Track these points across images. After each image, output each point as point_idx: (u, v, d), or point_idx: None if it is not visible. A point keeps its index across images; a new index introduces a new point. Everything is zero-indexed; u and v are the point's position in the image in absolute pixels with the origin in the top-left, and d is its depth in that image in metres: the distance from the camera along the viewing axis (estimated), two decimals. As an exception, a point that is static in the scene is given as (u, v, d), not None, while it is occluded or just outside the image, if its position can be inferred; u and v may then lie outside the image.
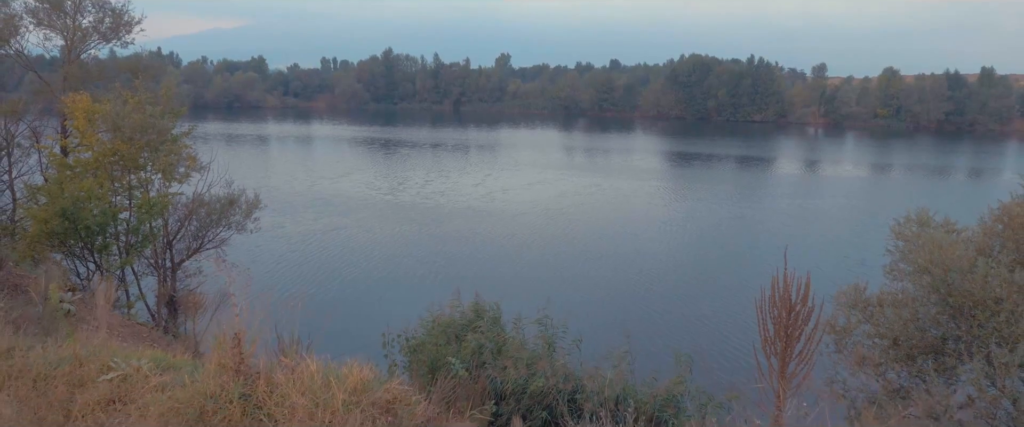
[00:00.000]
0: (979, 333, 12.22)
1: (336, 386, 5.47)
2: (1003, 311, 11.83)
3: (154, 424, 5.46)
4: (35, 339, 7.15)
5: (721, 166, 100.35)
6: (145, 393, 5.96)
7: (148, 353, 7.13)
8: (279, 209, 52.93)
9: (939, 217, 15.56)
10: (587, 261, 44.05)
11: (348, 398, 5.40)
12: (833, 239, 51.95)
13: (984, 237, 14.10)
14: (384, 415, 5.45)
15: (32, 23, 27.56)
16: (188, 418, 5.47)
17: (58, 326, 8.29)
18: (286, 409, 5.43)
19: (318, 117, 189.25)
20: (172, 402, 5.65)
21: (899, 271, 14.99)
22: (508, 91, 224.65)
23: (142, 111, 23.63)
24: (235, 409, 5.47)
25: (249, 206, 26.14)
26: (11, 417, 5.54)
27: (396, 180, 79.25)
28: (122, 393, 6.02)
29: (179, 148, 25.08)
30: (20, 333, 7.30)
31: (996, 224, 14.30)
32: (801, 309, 5.01)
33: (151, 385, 6.08)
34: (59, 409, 5.81)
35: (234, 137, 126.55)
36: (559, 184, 77.77)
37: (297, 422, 5.28)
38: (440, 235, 51.22)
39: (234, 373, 5.62)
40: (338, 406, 5.35)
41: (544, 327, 12.95)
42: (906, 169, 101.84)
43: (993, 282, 12.07)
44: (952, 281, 12.52)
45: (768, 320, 5.13)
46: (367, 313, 31.22)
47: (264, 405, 5.54)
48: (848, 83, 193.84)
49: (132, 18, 28.71)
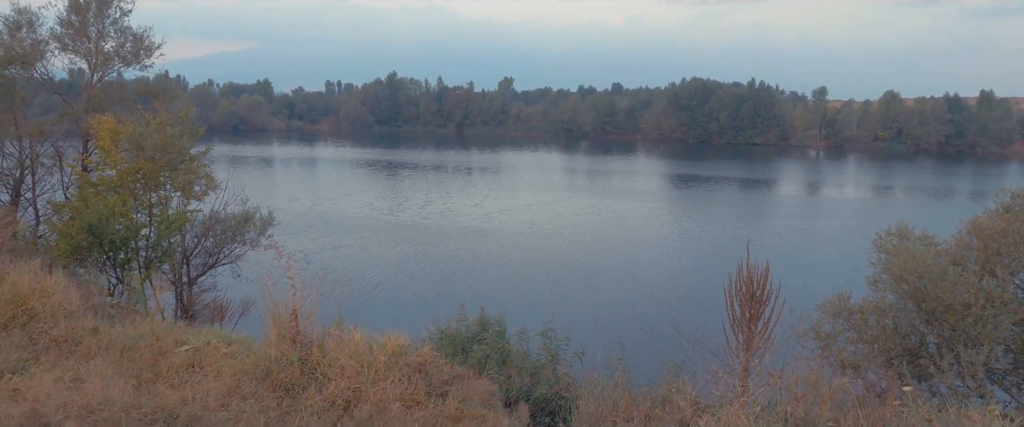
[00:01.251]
0: (950, 336, 13.19)
1: (377, 351, 6.54)
2: (971, 315, 12.80)
3: (229, 381, 6.50)
4: (112, 321, 8.18)
5: (722, 188, 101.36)
6: (218, 359, 7.00)
7: (211, 332, 8.17)
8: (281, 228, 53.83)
9: (918, 231, 16.55)
10: (581, 280, 44.94)
11: (388, 360, 6.46)
12: (829, 258, 52.81)
13: (958, 249, 15.08)
14: (417, 373, 6.52)
15: (57, 48, 28.82)
16: (256, 376, 6.52)
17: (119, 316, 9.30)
18: (337, 369, 6.47)
19: (322, 139, 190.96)
20: (242, 365, 6.71)
21: (881, 282, 15.94)
22: (511, 114, 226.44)
23: (163, 131, 24.69)
24: (295, 369, 6.53)
25: (263, 223, 27.15)
26: (111, 375, 6.56)
27: (397, 201, 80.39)
28: (198, 359, 7.05)
29: (197, 167, 26.11)
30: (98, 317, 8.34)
31: (970, 237, 15.30)
32: (761, 293, 5.99)
33: (221, 353, 7.12)
34: (148, 371, 6.83)
35: (239, 159, 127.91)
36: (557, 205, 78.77)
37: (346, 379, 6.32)
38: (438, 254, 52.16)
39: (291, 342, 6.66)
40: (380, 366, 6.41)
41: (548, 339, 13.85)
42: (908, 191, 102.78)
43: (961, 289, 13.04)
44: (925, 288, 13.48)
45: (735, 302, 6.11)
46: (367, 328, 32.06)
47: (318, 366, 6.58)
48: (849, 106, 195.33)
49: (152, 43, 29.96)
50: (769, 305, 5.99)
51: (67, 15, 28.61)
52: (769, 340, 5.90)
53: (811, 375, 5.39)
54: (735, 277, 6.12)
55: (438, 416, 6.15)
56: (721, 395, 5.55)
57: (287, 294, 6.89)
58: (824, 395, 4.99)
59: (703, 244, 58.59)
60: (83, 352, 7.28)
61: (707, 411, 5.38)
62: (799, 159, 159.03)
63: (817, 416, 4.89)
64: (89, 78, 29.44)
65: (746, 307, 6.02)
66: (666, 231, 65.53)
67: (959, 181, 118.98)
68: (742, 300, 6.03)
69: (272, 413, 6.09)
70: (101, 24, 29.13)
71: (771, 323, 5.96)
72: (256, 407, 6.11)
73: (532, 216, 70.23)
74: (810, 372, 5.55)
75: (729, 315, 6.17)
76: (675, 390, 5.82)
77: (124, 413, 5.80)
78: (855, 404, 4.77)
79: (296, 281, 6.90)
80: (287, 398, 6.39)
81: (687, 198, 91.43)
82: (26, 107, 29.14)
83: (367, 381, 6.37)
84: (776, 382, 5.24)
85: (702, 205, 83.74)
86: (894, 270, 14.21)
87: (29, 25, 28.19)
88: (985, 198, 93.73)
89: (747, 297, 6.00)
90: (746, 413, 4.87)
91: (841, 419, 4.87)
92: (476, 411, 6.24)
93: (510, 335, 13.71)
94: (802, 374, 5.35)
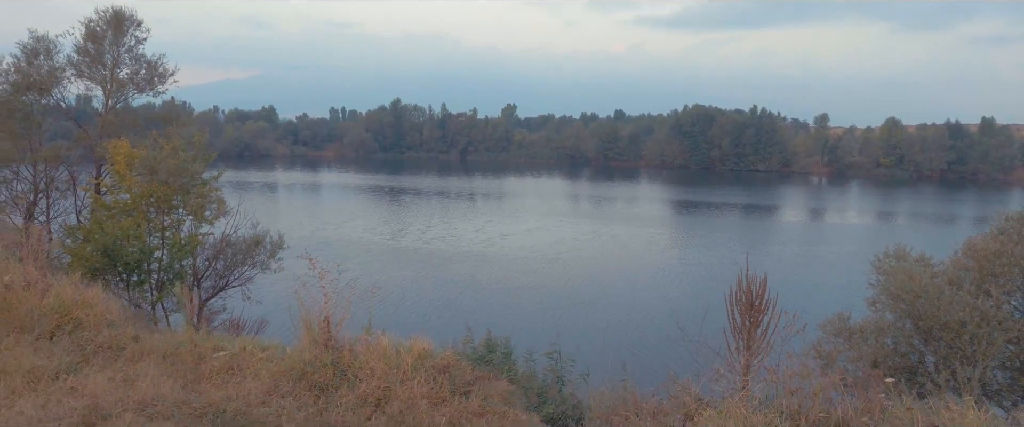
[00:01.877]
0: (947, 353, 13.58)
1: (404, 354, 7.02)
2: (966, 333, 13.21)
3: (267, 382, 6.96)
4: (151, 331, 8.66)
5: (724, 214, 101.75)
6: (255, 363, 7.47)
7: (245, 340, 8.63)
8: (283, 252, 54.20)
9: (915, 253, 16.99)
10: (582, 305, 45.26)
11: (414, 362, 6.94)
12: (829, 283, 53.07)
13: (954, 269, 15.53)
14: (441, 374, 6.99)
15: (73, 74, 29.49)
16: (293, 377, 7.00)
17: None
18: (367, 370, 6.93)
19: (326, 166, 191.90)
20: (278, 367, 7.19)
21: (880, 302, 16.37)
22: (514, 141, 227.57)
23: (176, 156, 25.23)
24: (328, 370, 7.00)
25: (273, 246, 27.59)
26: (158, 376, 7.01)
27: (399, 226, 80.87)
28: (236, 363, 7.52)
29: (209, 191, 26.61)
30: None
31: (966, 258, 15.76)
32: (760, 303, 6.43)
33: (258, 357, 7.58)
34: (191, 373, 7.29)
35: (243, 184, 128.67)
36: (558, 231, 79.16)
37: (376, 379, 6.78)
38: (440, 279, 52.53)
39: (324, 346, 7.12)
40: (407, 368, 6.89)
41: (553, 361, 14.23)
42: (911, 217, 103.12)
43: (957, 308, 13.46)
44: (921, 307, 13.90)
45: (735, 310, 6.55)
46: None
47: (350, 368, 7.04)
48: (850, 133, 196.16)
49: (165, 69, 30.63)
50: (767, 314, 6.43)
51: (84, 43, 29.29)
52: (768, 346, 6.33)
53: (803, 370, 5.82)
54: (735, 287, 6.57)
55: (462, 412, 6.61)
56: (723, 390, 5.98)
57: (319, 302, 7.38)
58: (815, 389, 5.41)
59: (703, 270, 58.90)
60: (128, 356, 7.75)
61: (710, 405, 5.81)
62: (801, 185, 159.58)
63: (809, 408, 5.31)
64: (104, 103, 30.08)
65: (746, 316, 6.45)
66: (667, 256, 65.88)
67: (962, 207, 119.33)
68: (742, 309, 6.47)
69: (310, 409, 6.56)
70: (116, 51, 29.82)
71: (769, 330, 6.39)
72: (294, 404, 6.59)
73: (533, 241, 70.66)
74: (802, 367, 5.98)
75: (730, 323, 6.61)
76: (680, 388, 6.24)
77: (176, 407, 6.26)
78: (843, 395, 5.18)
79: (328, 290, 7.39)
80: (322, 397, 6.86)
81: (689, 224, 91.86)
82: (42, 133, 29.76)
83: (396, 381, 6.84)
84: (772, 378, 5.65)
85: (704, 231, 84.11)
86: (891, 290, 14.63)
87: (46, 52, 28.87)
88: (987, 224, 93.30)
89: (746, 306, 6.44)
90: (745, 406, 5.29)
91: (830, 410, 5.30)
92: (497, 408, 6.68)
93: (516, 357, 14.06)
94: (796, 370, 5.78)
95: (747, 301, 6.37)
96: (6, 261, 10.08)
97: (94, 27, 29.62)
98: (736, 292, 6.44)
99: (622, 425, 6.17)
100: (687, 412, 5.87)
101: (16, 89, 28.02)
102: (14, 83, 28.12)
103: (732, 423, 5.27)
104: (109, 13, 29.92)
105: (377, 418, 6.43)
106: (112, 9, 29.97)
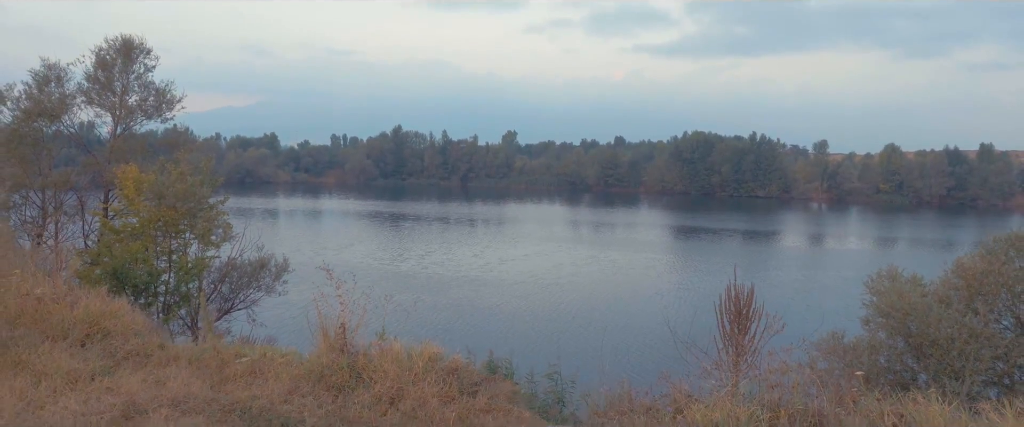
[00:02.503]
0: (937, 369, 13.98)
1: (416, 357, 7.52)
2: (954, 349, 13.63)
3: (288, 383, 7.43)
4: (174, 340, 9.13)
5: (724, 240, 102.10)
6: (275, 367, 7.95)
7: (264, 347, 9.11)
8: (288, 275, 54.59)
9: (907, 274, 17.45)
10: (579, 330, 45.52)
11: (425, 365, 7.42)
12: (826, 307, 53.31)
13: (944, 288, 15.98)
14: (450, 376, 7.47)
15: (83, 101, 30.17)
16: (312, 379, 7.48)
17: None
18: (381, 373, 7.40)
19: (327, 192, 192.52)
20: (297, 371, 7.68)
21: (873, 321, 16.79)
22: (515, 167, 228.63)
23: (184, 181, 25.76)
24: (345, 373, 7.49)
25: (278, 269, 28.03)
26: (186, 377, 7.48)
27: (398, 251, 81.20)
28: (258, 367, 8.00)
29: (215, 215, 27.10)
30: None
31: (955, 278, 16.21)
32: (747, 311, 6.88)
33: (277, 362, 8.05)
34: (216, 376, 7.76)
35: (244, 210, 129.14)
36: (557, 255, 79.44)
37: (390, 380, 7.25)
38: (438, 304, 52.80)
39: (340, 351, 7.60)
40: (419, 370, 7.38)
41: (554, 382, 14.60)
42: (911, 242, 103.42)
43: (946, 324, 13.89)
44: (911, 324, 14.34)
45: (725, 318, 7.00)
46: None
47: (365, 371, 7.51)
48: (850, 159, 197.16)
49: (173, 96, 31.34)
50: (755, 322, 6.87)
51: (94, 71, 29.94)
52: (756, 352, 6.77)
53: (783, 367, 6.25)
54: (724, 296, 7.03)
55: (470, 409, 7.06)
56: (711, 388, 6.41)
57: (335, 310, 7.86)
58: (794, 383, 5.84)
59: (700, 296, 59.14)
60: (156, 361, 8.20)
61: (699, 401, 6.24)
62: (801, 211, 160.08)
63: (788, 401, 5.73)
64: (113, 130, 30.69)
65: (734, 324, 6.90)
66: (664, 281, 66.15)
67: (961, 233, 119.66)
68: (731, 317, 6.93)
69: (329, 407, 7.01)
70: (126, 79, 30.47)
71: (756, 337, 6.83)
72: (315, 402, 7.05)
73: (532, 266, 70.92)
74: (782, 364, 6.41)
75: (720, 330, 7.06)
76: (672, 386, 6.68)
77: (205, 404, 6.70)
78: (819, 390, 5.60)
79: (344, 299, 7.87)
80: (340, 396, 7.34)
81: (688, 249, 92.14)
82: (52, 158, 30.34)
83: (408, 382, 7.32)
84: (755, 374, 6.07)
85: (703, 256, 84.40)
86: (882, 308, 15.06)
87: (58, 80, 29.52)
88: (980, 247, 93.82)
89: (735, 314, 6.89)
90: (731, 400, 5.70)
91: (809, 403, 5.72)
92: (503, 406, 7.12)
93: (518, 378, 14.40)
94: (776, 367, 6.22)
95: (735, 310, 6.82)
96: (36, 276, 10.55)
97: (104, 55, 30.32)
98: (725, 301, 6.90)
99: (617, 419, 6.59)
100: (677, 406, 6.30)
101: (27, 116, 28.64)
102: (25, 110, 28.74)
103: (718, 414, 5.70)
104: (119, 41, 30.65)
105: (392, 414, 6.88)
106: (122, 37, 30.70)
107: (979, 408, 5.74)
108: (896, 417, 5.54)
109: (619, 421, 6.44)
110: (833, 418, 5.56)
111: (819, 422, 5.54)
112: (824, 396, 5.77)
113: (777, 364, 6.38)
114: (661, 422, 6.20)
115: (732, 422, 5.51)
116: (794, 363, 6.61)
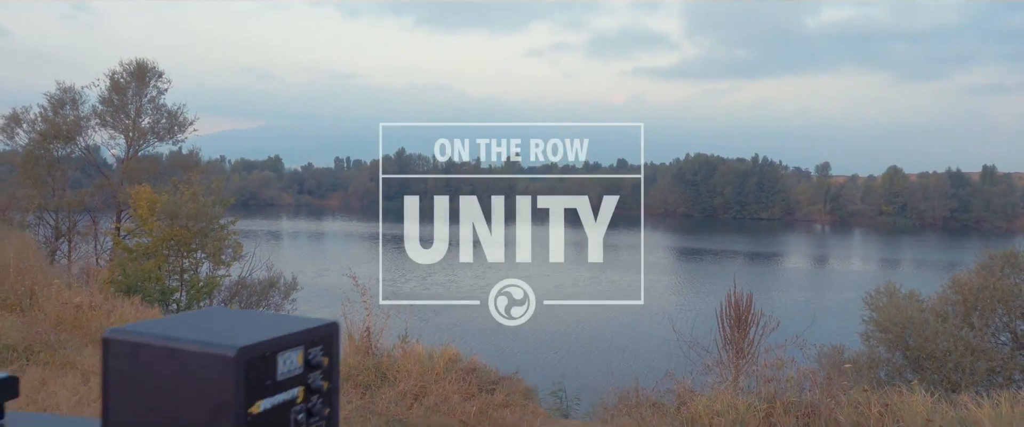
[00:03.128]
0: (933, 380, 14.37)
1: (437, 358, 8.01)
2: (951, 362, 14.03)
3: None
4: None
5: (726, 261, 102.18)
6: None
7: None
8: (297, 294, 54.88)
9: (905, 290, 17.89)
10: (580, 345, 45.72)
11: (446, 365, 7.90)
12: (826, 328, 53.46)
13: (941, 304, 16.41)
14: (469, 375, 7.94)
15: (97, 124, 30.80)
16: (340, 379, 7.89)
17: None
18: (404, 372, 7.88)
19: (331, 214, 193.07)
20: None
21: (873, 338, 17.20)
22: (518, 189, 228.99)
23: (197, 201, 26.29)
24: (370, 373, 7.96)
25: (287, 288, 28.48)
26: None
27: (399, 272, 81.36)
28: None
29: (226, 235, 27.60)
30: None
31: (952, 293, 16.65)
32: (746, 317, 7.34)
33: None
34: None
35: (249, 232, 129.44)
36: (558, 276, 79.42)
37: (413, 379, 7.73)
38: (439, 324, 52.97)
39: (366, 352, 8.08)
40: (440, 370, 7.86)
41: (558, 399, 15.01)
42: (914, 264, 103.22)
43: (942, 338, 14.31)
44: (908, 338, 14.76)
45: (726, 323, 7.46)
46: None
47: (389, 370, 7.99)
48: (852, 181, 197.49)
49: (185, 119, 31.96)
50: (753, 326, 7.33)
51: (108, 94, 30.59)
52: (754, 354, 7.22)
53: (778, 363, 6.70)
54: (725, 303, 7.50)
55: (489, 404, 7.55)
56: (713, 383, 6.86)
57: (361, 315, 8.35)
58: (788, 377, 6.28)
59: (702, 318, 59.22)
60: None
61: (701, 395, 6.68)
62: (804, 233, 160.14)
63: (783, 393, 6.16)
64: (126, 152, 31.28)
65: (734, 328, 7.36)
66: (665, 303, 66.27)
67: (965, 255, 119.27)
68: (731, 322, 7.39)
69: (358, 402, 7.47)
70: (139, 102, 31.12)
71: (755, 341, 7.29)
72: (343, 399, 7.48)
73: (532, 286, 70.92)
74: (777, 360, 6.85)
75: (721, 334, 7.52)
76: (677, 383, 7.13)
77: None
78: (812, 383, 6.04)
79: (369, 305, 8.36)
80: (367, 394, 7.80)
81: (690, 270, 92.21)
82: (66, 180, 30.92)
83: (430, 380, 7.82)
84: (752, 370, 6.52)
85: (705, 277, 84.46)
86: (880, 322, 15.48)
87: (73, 103, 30.16)
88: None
89: (735, 320, 7.35)
90: (731, 393, 6.14)
91: (802, 395, 6.15)
92: (519, 402, 7.58)
93: (529, 383, 14.80)
94: (772, 362, 6.66)
95: (735, 315, 7.27)
96: (73, 286, 11.03)
97: (118, 78, 30.99)
98: (726, 308, 7.37)
99: (625, 411, 7.02)
100: (681, 400, 6.73)
101: (43, 137, 29.26)
102: (41, 132, 29.37)
103: (719, 405, 6.14)
104: (132, 65, 31.33)
105: (417, 408, 7.35)
106: (136, 61, 31.40)
107: (958, 400, 6.17)
108: (881, 406, 5.98)
109: (628, 415, 6.87)
110: (824, 408, 6.00)
111: (811, 412, 5.98)
112: (816, 389, 6.21)
113: (773, 360, 6.82)
114: (666, 415, 6.64)
115: (731, 412, 5.95)
116: (789, 358, 7.05)
